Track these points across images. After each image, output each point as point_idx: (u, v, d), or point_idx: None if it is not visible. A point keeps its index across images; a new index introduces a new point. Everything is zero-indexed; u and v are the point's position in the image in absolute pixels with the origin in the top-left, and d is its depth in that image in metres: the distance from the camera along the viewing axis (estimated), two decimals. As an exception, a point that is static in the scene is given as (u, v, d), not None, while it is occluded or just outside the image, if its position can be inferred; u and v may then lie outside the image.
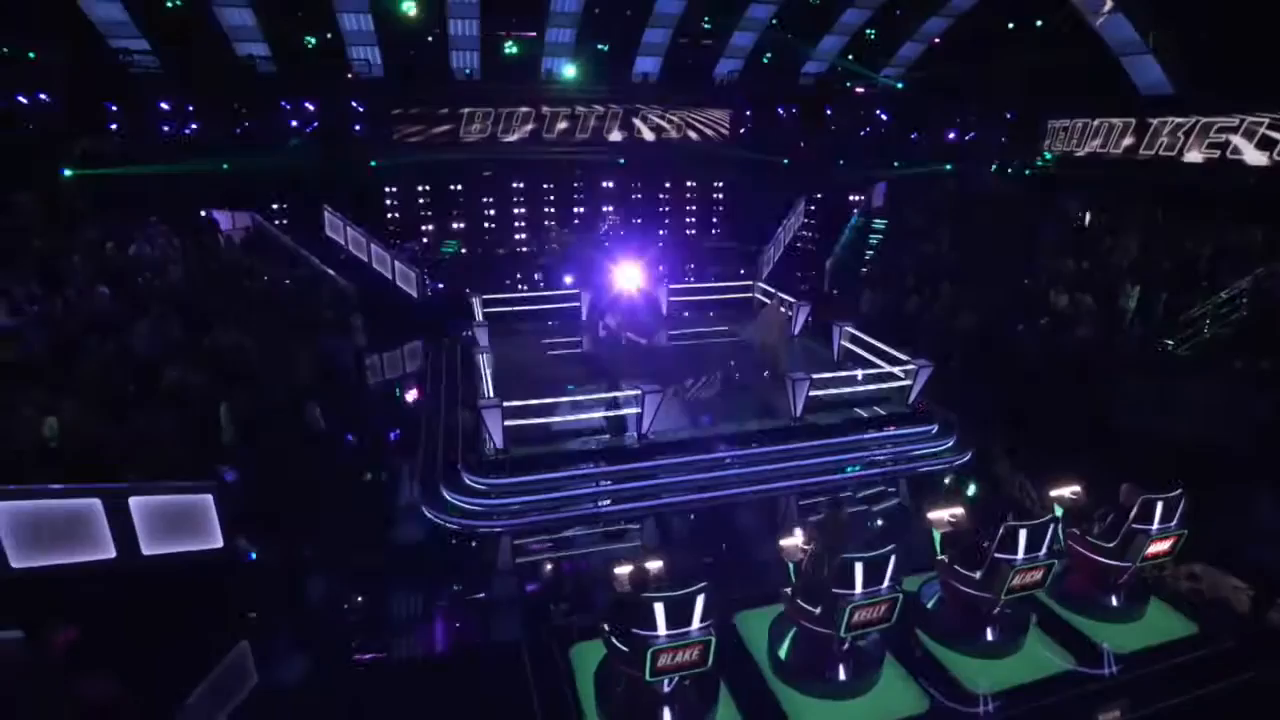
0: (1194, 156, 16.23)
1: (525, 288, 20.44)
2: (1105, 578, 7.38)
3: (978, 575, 6.69)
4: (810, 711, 6.31)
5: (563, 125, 22.41)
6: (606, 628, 5.87)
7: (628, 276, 15.76)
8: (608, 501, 10.24)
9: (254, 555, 8.60)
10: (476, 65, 22.84)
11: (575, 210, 25.84)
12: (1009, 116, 23.59)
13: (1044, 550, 6.61)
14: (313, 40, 23.05)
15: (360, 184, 22.55)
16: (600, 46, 25.00)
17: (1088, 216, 17.77)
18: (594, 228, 24.75)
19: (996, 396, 13.44)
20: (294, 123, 22.45)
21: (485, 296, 16.71)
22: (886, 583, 6.01)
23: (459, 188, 24.53)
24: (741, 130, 25.97)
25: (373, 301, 17.69)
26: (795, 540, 6.95)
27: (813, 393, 11.58)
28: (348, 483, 11.16)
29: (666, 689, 5.86)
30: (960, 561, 6.90)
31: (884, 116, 26.82)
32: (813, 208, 25.83)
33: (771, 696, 6.47)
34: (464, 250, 23.61)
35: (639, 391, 10.80)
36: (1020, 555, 6.49)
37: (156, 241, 15.70)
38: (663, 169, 25.51)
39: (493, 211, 25.03)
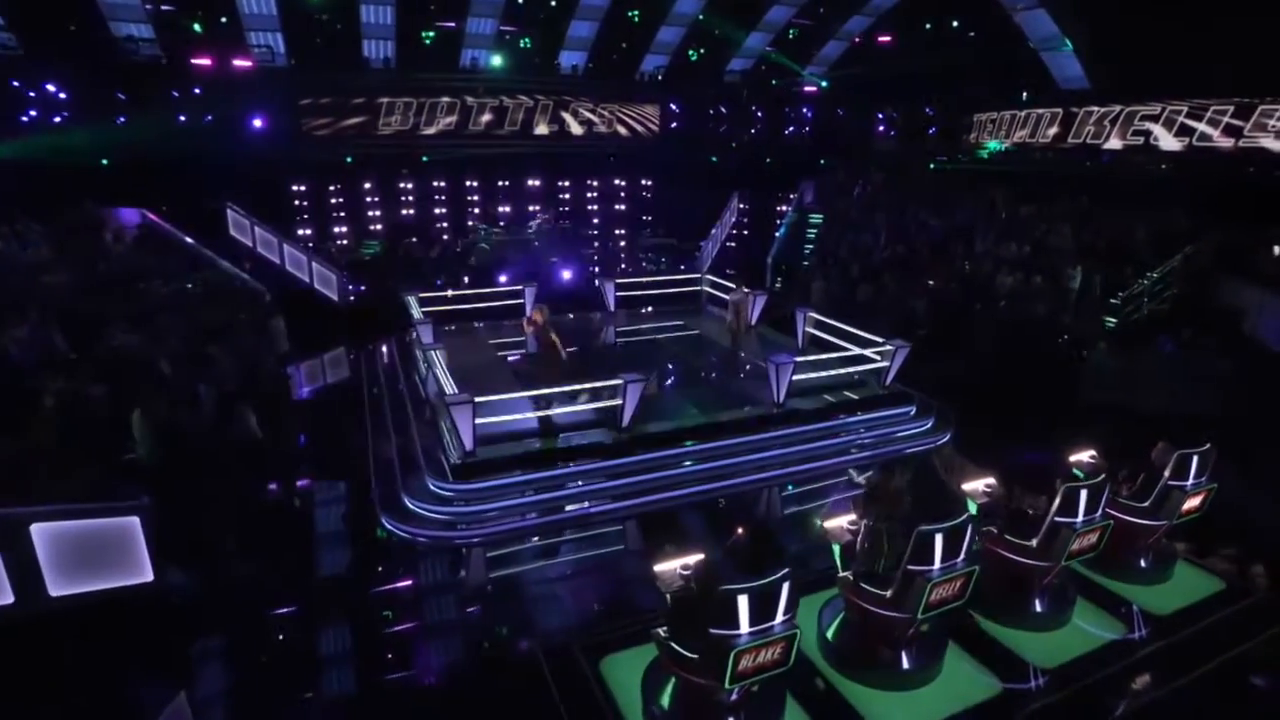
0: (1115, 144, 17.15)
1: (451, 293, 19.22)
2: (1137, 539, 7.21)
3: (1034, 543, 6.32)
4: (878, 706, 5.72)
5: (488, 118, 21.30)
6: (664, 633, 5.06)
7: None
8: (586, 504, 9.35)
9: (187, 588, 7.22)
10: (392, 55, 21.46)
11: (502, 209, 24.75)
12: (929, 112, 24.42)
13: (1099, 512, 6.32)
14: (199, 26, 20.95)
15: (268, 179, 20.63)
16: (524, 42, 24.16)
17: (1022, 208, 18.41)
18: (523, 226, 23.73)
19: (965, 376, 13.48)
20: (182, 117, 20.29)
21: (422, 295, 15.46)
22: (963, 555, 5.51)
23: (371, 185, 22.94)
24: (672, 125, 25.70)
25: (290, 306, 16.03)
26: (840, 520, 6.37)
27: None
28: (290, 497, 9.80)
29: (734, 697, 5.11)
30: (1010, 530, 6.52)
31: (808, 114, 27.24)
32: (743, 205, 25.84)
33: (835, 693, 5.83)
34: (386, 251, 22.04)
35: (620, 381, 10.02)
36: (1080, 517, 6.16)
37: (30, 240, 13.55)
38: (593, 165, 24.83)
39: (412, 211, 23.59)
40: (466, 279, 20.09)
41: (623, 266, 22.94)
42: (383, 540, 8.78)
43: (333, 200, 22.77)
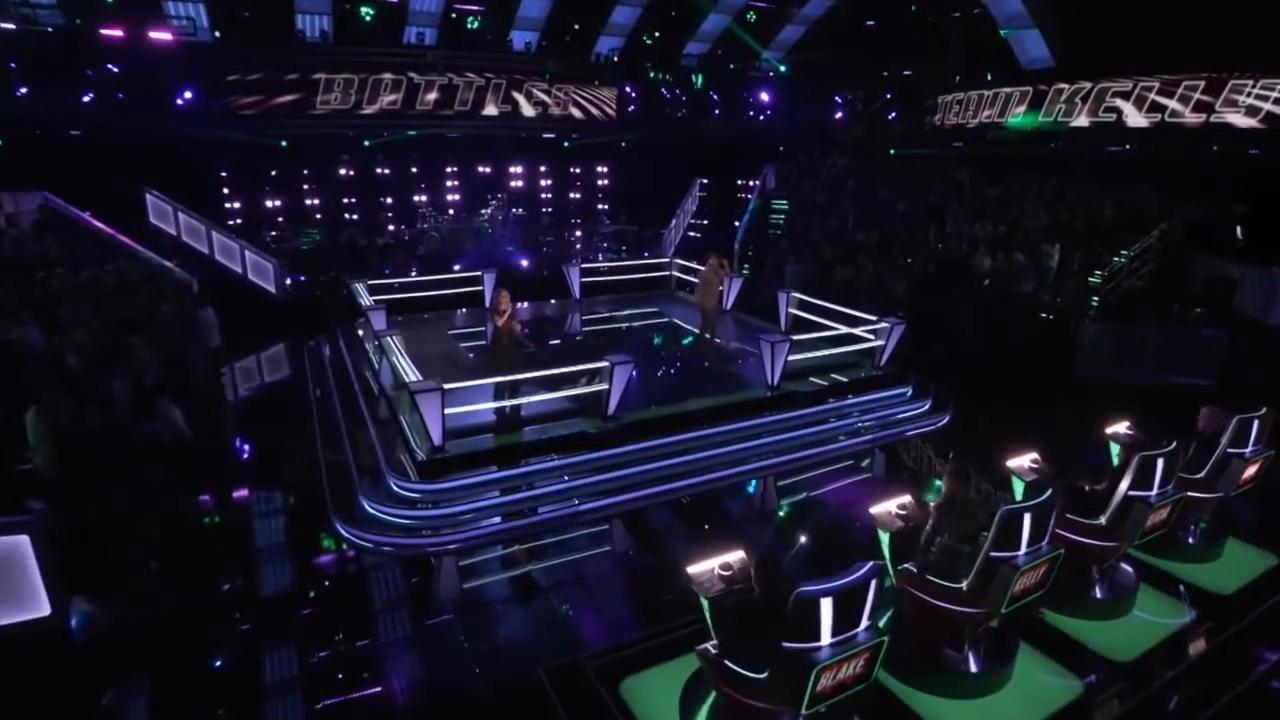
0: (1083, 121, 17.03)
1: (404, 280, 17.85)
2: (1192, 514, 6.61)
3: (1103, 520, 5.60)
4: (953, 718, 4.88)
5: (435, 96, 19.86)
6: (715, 650, 4.10)
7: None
8: (576, 501, 8.30)
9: (97, 622, 5.90)
10: (329, 30, 19.89)
11: (452, 196, 23.38)
12: (889, 96, 24.18)
13: (1172, 484, 5.65)
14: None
15: (192, 162, 18.81)
16: (471, 21, 22.85)
17: (990, 189, 18.16)
18: (476, 214, 22.41)
19: (952, 356, 12.98)
20: (87, 97, 18.27)
21: (371, 283, 14.14)
22: (1048, 538, 4.72)
23: (309, 169, 21.28)
24: (629, 110, 24.77)
25: (222, 298, 14.43)
26: (888, 506, 5.53)
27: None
28: (225, 508, 8.46)
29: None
30: (1072, 509, 5.79)
31: (767, 99, 26.72)
32: (703, 194, 25.12)
33: (900, 704, 4.97)
34: (326, 240, 20.42)
35: (606, 364, 9.02)
36: (1155, 490, 5.47)
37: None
38: (546, 149, 23.67)
39: (354, 199, 21.99)
40: (415, 271, 18.72)
41: (577, 253, 21.85)
42: (338, 552, 7.57)
43: (266, 186, 21.00)
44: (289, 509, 8.60)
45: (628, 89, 24.58)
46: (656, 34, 26.04)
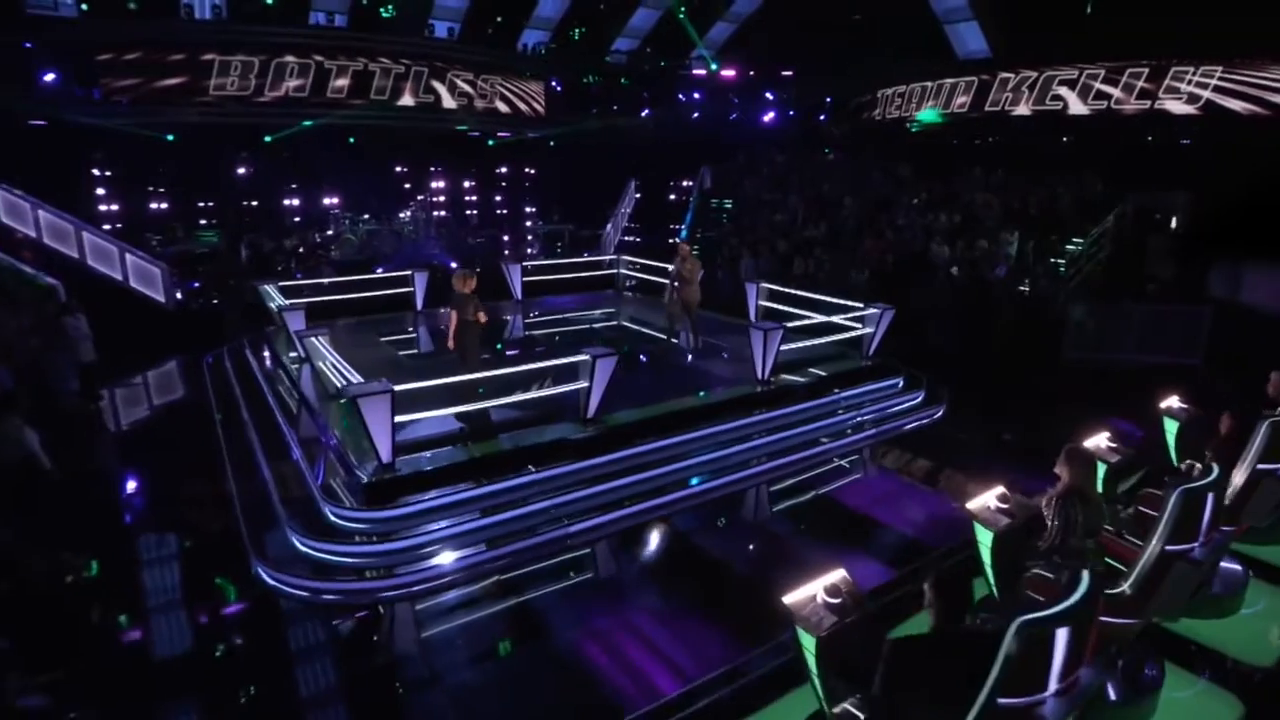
0: (1025, 110, 17.09)
1: (325, 281, 15.92)
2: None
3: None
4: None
5: (346, 82, 17.95)
6: (858, 710, 2.89)
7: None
8: (566, 523, 6.91)
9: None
10: (223, 6, 17.73)
11: (368, 197, 21.42)
12: (828, 100, 24.02)
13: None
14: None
15: (56, 154, 16.22)
16: (384, 10, 21.14)
17: (936, 181, 18.00)
18: (396, 215, 20.58)
19: (931, 345, 12.39)
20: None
21: (282, 284, 12.31)
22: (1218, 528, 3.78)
23: (203, 166, 18.93)
24: (557, 105, 23.55)
25: (99, 308, 12.18)
26: (985, 500, 4.49)
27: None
28: (102, 560, 6.60)
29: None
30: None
31: (699, 97, 26.11)
32: (638, 195, 24.19)
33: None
34: (226, 244, 18.09)
35: (586, 357, 7.71)
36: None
37: None
38: (472, 145, 22.08)
39: (255, 203, 19.73)
40: (326, 281, 16.76)
41: (508, 255, 20.39)
42: (261, 604, 5.93)
43: (151, 184, 18.48)
44: (190, 554, 6.80)
45: (554, 84, 23.36)
46: (583, 29, 25.02)
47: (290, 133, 18.32)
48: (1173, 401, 6.62)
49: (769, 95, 25.11)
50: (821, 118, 23.65)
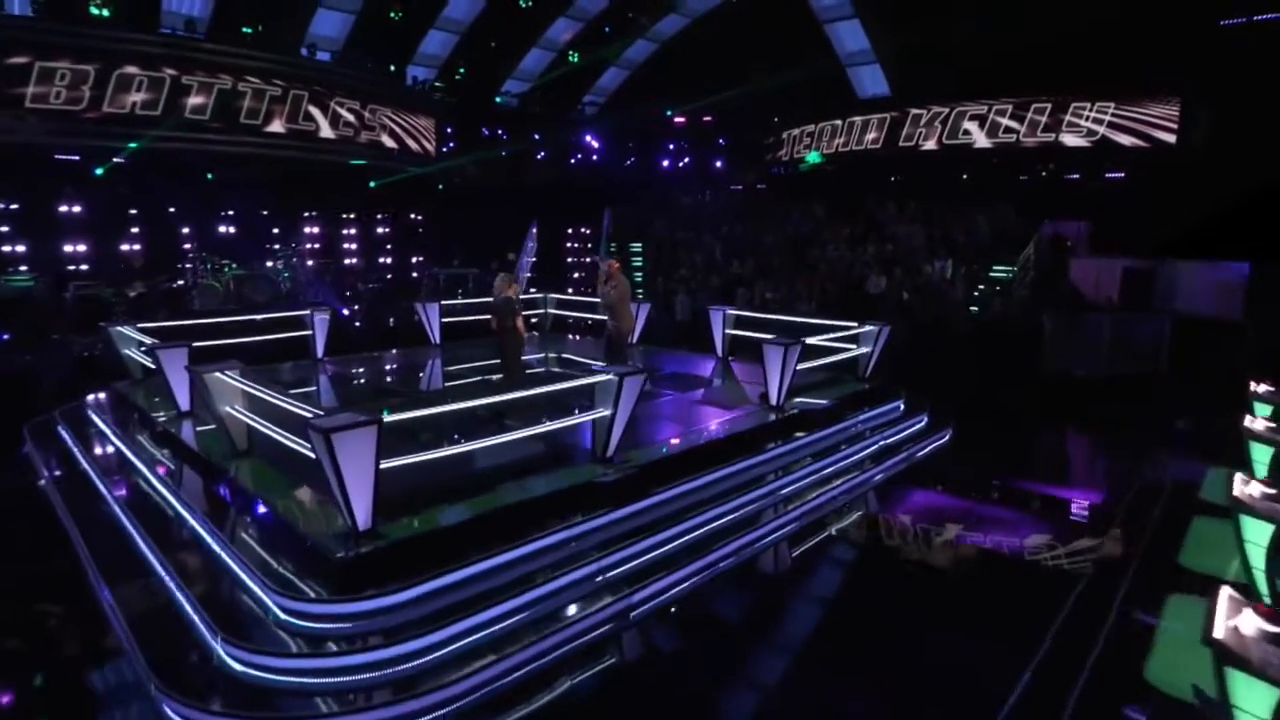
0: (931, 145, 17.75)
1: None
2: None
3: None
4: None
5: (202, 100, 15.27)
6: None
7: None
8: (610, 601, 5.19)
9: None
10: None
11: (233, 235, 18.48)
12: (722, 142, 24.16)
13: None
14: None
15: None
16: (249, 30, 18.80)
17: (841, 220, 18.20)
18: (268, 260, 17.76)
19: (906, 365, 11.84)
20: None
21: (143, 326, 9.69)
22: None
23: (15, 196, 15.36)
24: (445, 149, 21.88)
25: None
26: (1249, 490, 3.49)
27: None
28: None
29: None
30: None
31: (595, 143, 25.48)
32: (533, 245, 22.86)
33: None
34: (46, 289, 14.49)
35: (609, 376, 6.13)
36: None
37: None
38: (349, 181, 19.77)
39: (80, 247, 16.22)
40: (201, 322, 13.80)
41: (395, 301, 18.29)
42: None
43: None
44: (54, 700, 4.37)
45: (447, 122, 21.77)
46: (471, 68, 23.76)
47: (132, 152, 15.15)
48: (1261, 388, 6.15)
49: (670, 145, 24.92)
50: (719, 163, 23.67)
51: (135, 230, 17.18)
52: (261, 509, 5.57)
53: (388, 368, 11.92)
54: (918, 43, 16.37)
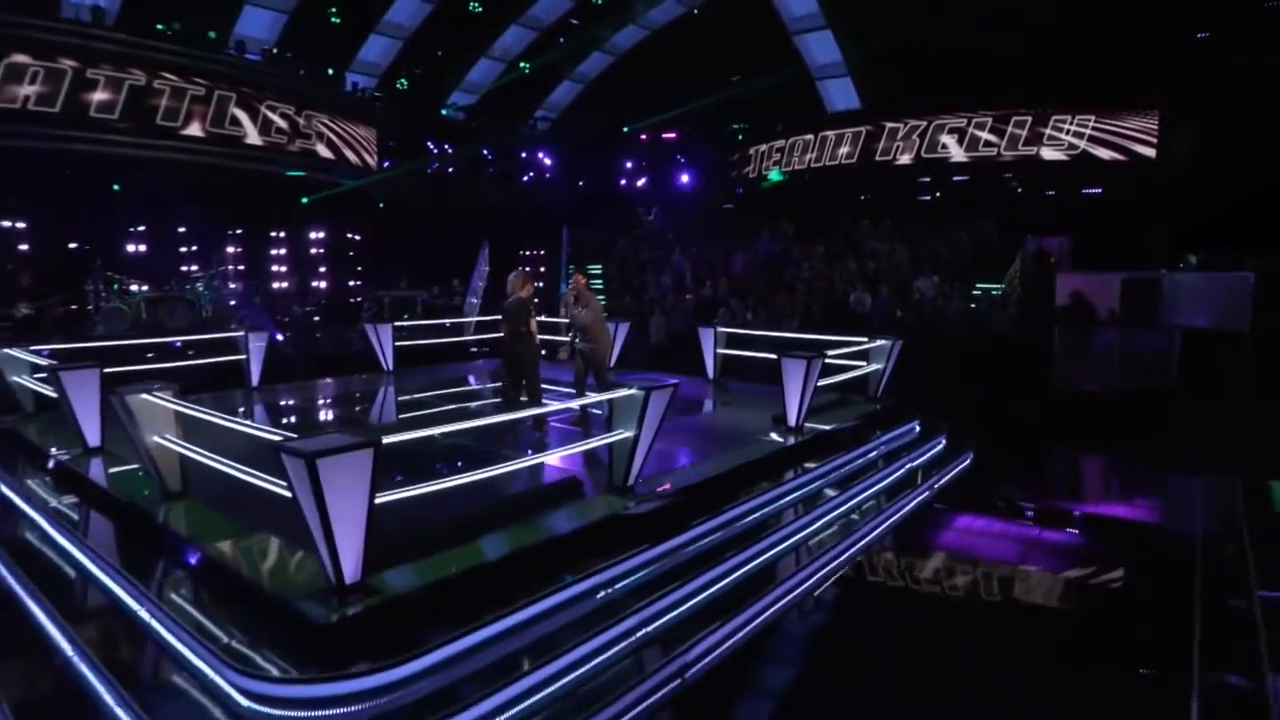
0: (906, 160, 17.81)
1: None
2: None
3: None
4: None
5: (107, 97, 13.84)
6: None
7: None
8: (667, 661, 4.40)
9: None
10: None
11: (139, 252, 16.97)
12: (681, 159, 23.94)
13: None
14: None
15: None
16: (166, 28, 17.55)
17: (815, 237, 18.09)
18: (186, 280, 16.33)
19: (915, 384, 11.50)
20: None
21: (37, 349, 8.47)
22: None
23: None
24: (386, 164, 20.91)
25: None
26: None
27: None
28: None
29: None
30: None
31: (548, 160, 24.92)
32: (485, 267, 22.01)
33: None
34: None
35: (633, 390, 5.40)
36: None
37: None
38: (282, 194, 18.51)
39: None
40: (106, 344, 12.31)
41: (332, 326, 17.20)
42: None
43: None
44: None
45: (390, 133, 20.82)
46: (413, 79, 22.95)
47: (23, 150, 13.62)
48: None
49: (628, 164, 24.56)
50: (685, 177, 23.38)
51: (24, 246, 15.59)
52: (204, 562, 4.58)
53: (338, 396, 10.88)
54: (892, 54, 16.51)
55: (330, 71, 20.30)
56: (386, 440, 3.94)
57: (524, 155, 24.74)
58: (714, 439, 7.66)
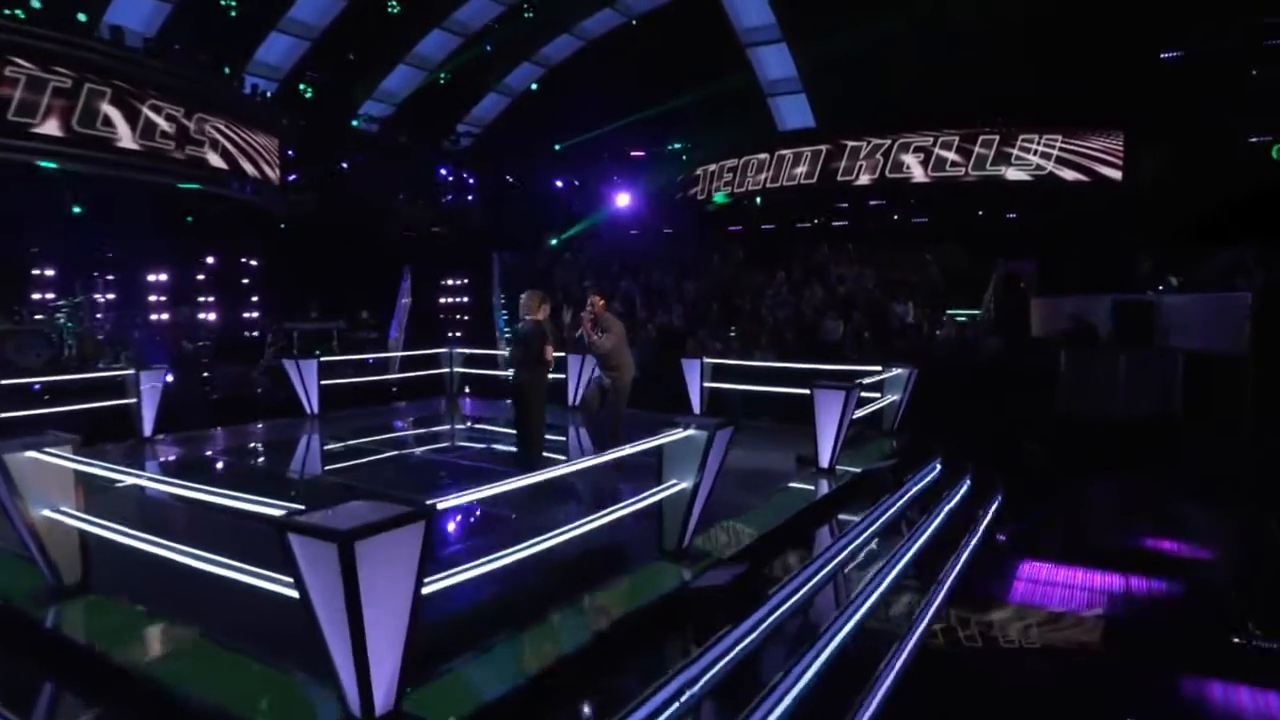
0: (865, 180, 17.85)
1: None
2: None
3: None
4: None
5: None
6: None
7: None
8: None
9: None
10: None
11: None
12: (616, 179, 23.46)
13: None
14: None
15: None
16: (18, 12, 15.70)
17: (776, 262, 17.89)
18: (44, 310, 14.36)
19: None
20: None
21: None
22: None
23: None
24: (291, 177, 19.43)
25: None
26: None
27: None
28: None
29: None
30: None
31: (469, 179, 23.92)
32: (406, 300, 20.77)
33: None
34: None
35: (691, 431, 4.56)
36: None
37: None
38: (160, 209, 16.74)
39: None
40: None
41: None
42: None
43: None
44: None
45: (290, 143, 19.35)
46: (320, 85, 21.56)
47: None
48: None
49: (559, 184, 23.87)
50: (625, 198, 22.82)
51: None
52: (126, 689, 3.39)
53: (270, 447, 9.46)
54: (851, 71, 16.58)
55: (227, 71, 18.77)
56: (449, 503, 2.95)
57: (445, 173, 23.67)
58: (736, 485, 6.87)
